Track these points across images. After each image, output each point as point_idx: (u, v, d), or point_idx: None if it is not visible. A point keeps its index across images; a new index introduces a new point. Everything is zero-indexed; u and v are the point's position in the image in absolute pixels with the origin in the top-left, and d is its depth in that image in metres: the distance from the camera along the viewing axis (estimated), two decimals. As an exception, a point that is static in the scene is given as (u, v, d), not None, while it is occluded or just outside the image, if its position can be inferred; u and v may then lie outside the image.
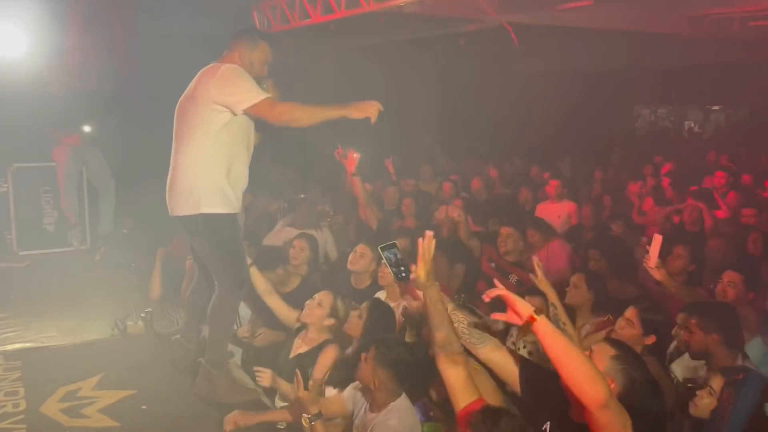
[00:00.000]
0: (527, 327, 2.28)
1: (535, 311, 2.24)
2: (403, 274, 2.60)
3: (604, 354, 2.46)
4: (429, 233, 2.55)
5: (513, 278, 5.09)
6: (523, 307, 2.27)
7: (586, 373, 2.16)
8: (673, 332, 3.55)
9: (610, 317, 3.90)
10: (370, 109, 3.54)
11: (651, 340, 3.47)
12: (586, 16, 8.37)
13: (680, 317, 3.38)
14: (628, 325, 3.49)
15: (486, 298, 2.34)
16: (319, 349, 3.91)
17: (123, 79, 7.29)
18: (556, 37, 10.57)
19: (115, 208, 7.16)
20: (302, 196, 7.96)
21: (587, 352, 2.51)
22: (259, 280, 4.24)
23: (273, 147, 9.36)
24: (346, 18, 7.55)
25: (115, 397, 3.88)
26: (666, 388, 3.37)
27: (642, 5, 8.56)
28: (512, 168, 10.44)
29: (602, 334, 3.74)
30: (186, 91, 3.65)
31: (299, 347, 4.07)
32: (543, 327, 2.22)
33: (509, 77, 14.38)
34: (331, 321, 4.01)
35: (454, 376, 2.59)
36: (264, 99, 3.46)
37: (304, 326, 4.13)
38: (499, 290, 2.31)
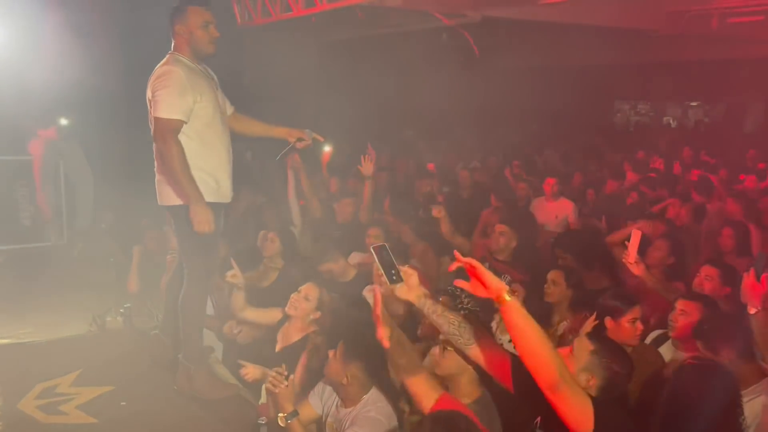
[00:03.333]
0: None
1: (507, 292, 2.22)
2: (395, 277, 2.55)
3: (584, 349, 2.49)
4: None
5: (506, 278, 5.10)
6: (495, 283, 2.24)
7: (542, 355, 2.20)
8: (669, 318, 3.59)
9: (586, 315, 3.93)
10: (203, 222, 3.50)
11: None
12: (567, 12, 8.42)
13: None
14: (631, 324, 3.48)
15: (450, 268, 2.34)
16: (304, 341, 3.91)
17: (101, 71, 7.20)
18: (537, 32, 10.61)
19: (94, 203, 7.08)
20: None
21: (568, 348, 2.53)
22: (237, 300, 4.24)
23: (254, 143, 9.32)
24: (328, 11, 7.51)
25: (94, 393, 3.83)
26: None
27: (621, 1, 8.63)
28: (496, 162, 10.47)
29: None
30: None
31: (284, 340, 4.04)
32: (510, 309, 2.21)
33: (491, 72, 14.41)
34: (317, 314, 3.98)
35: (414, 386, 2.68)
36: (166, 118, 3.42)
37: (287, 318, 4.11)
38: (468, 260, 2.29)
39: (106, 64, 7.32)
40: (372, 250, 2.59)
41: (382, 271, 2.56)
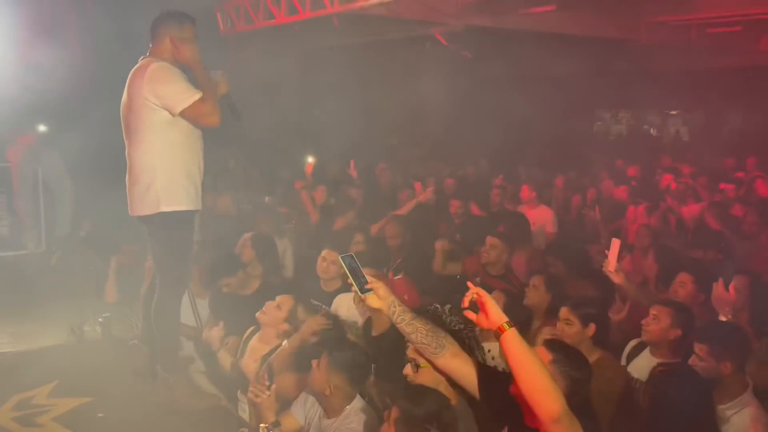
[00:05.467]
0: (488, 333, 2.29)
1: (506, 323, 2.27)
2: (365, 287, 2.55)
3: (543, 359, 2.48)
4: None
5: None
6: (497, 315, 2.30)
7: (543, 386, 2.20)
8: (642, 323, 3.60)
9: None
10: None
11: (591, 330, 3.51)
12: (549, 21, 8.50)
13: (696, 347, 3.20)
14: (567, 324, 3.53)
15: (464, 303, 2.38)
16: (272, 353, 3.87)
17: (80, 77, 7.12)
18: (520, 42, 10.70)
19: (73, 210, 6.99)
20: (266, 198, 7.90)
21: None
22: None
23: (237, 149, 9.28)
24: (311, 19, 7.51)
25: (71, 404, 3.78)
26: (624, 381, 3.43)
27: (602, 11, 8.73)
28: (478, 171, 10.51)
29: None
30: (123, 96, 3.60)
31: (255, 352, 3.99)
32: (510, 339, 2.25)
33: (473, 80, 14.51)
34: (285, 326, 3.96)
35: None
36: (195, 101, 3.42)
37: (257, 329, 4.08)
38: (477, 290, 2.36)
39: (85, 71, 7.24)
40: (341, 260, 2.59)
41: (353, 281, 2.55)
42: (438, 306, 3.25)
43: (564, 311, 3.56)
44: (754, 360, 3.36)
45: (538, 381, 2.21)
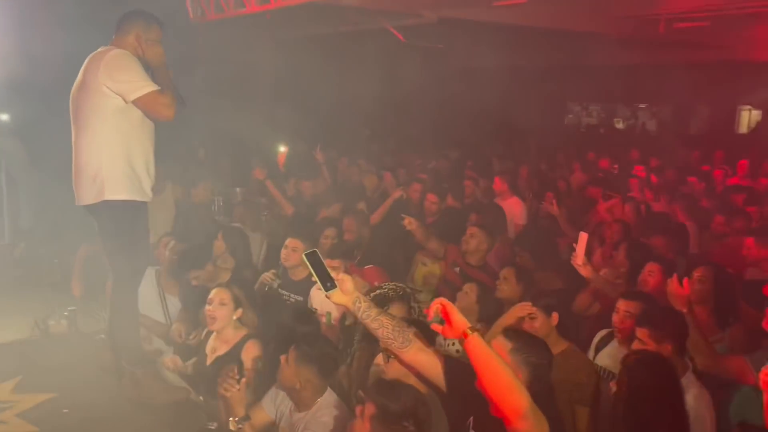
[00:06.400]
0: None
1: (469, 329, 2.34)
2: (329, 284, 2.56)
3: (503, 349, 2.56)
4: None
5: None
6: (459, 322, 2.37)
7: (508, 385, 2.29)
8: (614, 321, 3.68)
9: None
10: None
11: (555, 319, 3.58)
12: (521, 14, 8.54)
13: (638, 331, 3.31)
14: (531, 319, 3.56)
15: (429, 315, 2.45)
16: (239, 347, 3.84)
17: (43, 64, 6.93)
18: (492, 34, 10.74)
19: (38, 201, 6.83)
20: (238, 189, 7.82)
21: None
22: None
23: (208, 141, 9.16)
24: (283, 8, 7.42)
25: (35, 400, 3.69)
26: (588, 371, 3.50)
27: (572, 4, 8.80)
28: (449, 163, 10.54)
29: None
30: (76, 80, 3.55)
31: (216, 351, 3.96)
32: (473, 344, 2.33)
33: (446, 72, 14.53)
34: (239, 312, 3.95)
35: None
36: (151, 90, 3.41)
37: (209, 333, 4.05)
38: (441, 300, 2.43)
39: (49, 58, 7.06)
40: (304, 258, 2.58)
41: (317, 279, 2.55)
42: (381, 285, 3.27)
43: (524, 307, 3.60)
44: (711, 351, 3.45)
45: (502, 380, 2.29)
